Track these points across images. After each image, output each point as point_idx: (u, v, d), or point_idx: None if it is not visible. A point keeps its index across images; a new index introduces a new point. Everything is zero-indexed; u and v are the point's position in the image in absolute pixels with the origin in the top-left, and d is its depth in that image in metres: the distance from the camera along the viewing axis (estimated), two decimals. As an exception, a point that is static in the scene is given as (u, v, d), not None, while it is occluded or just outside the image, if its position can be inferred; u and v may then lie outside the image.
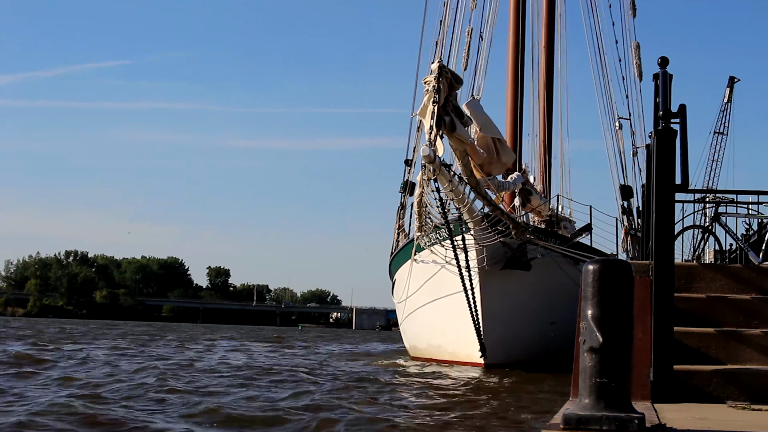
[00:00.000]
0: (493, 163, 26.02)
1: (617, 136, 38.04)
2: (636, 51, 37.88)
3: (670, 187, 7.76)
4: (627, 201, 35.62)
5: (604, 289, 5.53)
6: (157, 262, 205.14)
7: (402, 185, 36.13)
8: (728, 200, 14.76)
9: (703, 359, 8.00)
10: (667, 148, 7.75)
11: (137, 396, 15.23)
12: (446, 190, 21.07)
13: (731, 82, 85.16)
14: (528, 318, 25.81)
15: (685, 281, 9.00)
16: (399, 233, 35.31)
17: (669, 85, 8.17)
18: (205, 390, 16.72)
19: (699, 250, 15.61)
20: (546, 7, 40.09)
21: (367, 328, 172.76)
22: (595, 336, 5.46)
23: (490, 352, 24.40)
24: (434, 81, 20.17)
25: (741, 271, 9.24)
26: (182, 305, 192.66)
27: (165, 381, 17.99)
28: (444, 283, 25.69)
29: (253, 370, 23.10)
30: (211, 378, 20.05)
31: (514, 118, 36.40)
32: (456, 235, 22.64)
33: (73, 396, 14.64)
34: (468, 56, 34.16)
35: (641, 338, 7.44)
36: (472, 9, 34.37)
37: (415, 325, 31.27)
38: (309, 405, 14.25)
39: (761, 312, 8.53)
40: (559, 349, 23.97)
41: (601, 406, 5.42)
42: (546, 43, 39.64)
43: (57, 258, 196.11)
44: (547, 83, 38.91)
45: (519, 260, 24.97)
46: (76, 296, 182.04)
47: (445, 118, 20.30)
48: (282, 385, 18.54)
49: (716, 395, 7.49)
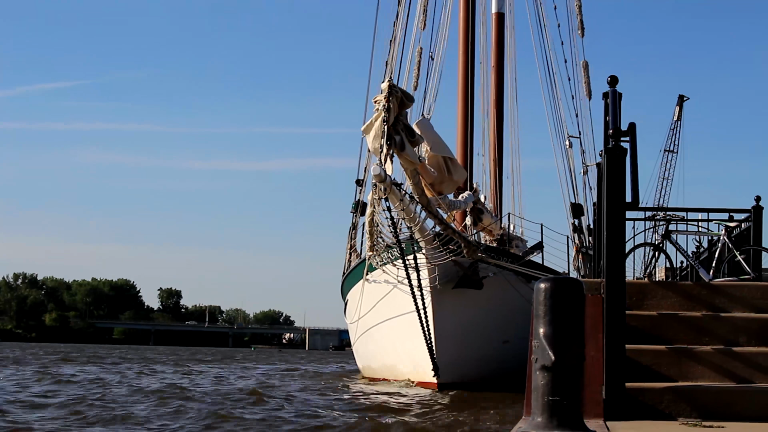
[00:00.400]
0: (444, 182, 26.01)
1: (567, 154, 38.28)
2: (585, 70, 38.21)
3: (621, 205, 7.78)
4: (578, 219, 35.81)
5: (555, 308, 5.52)
6: (108, 284, 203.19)
7: (353, 205, 36.03)
8: (679, 218, 14.86)
9: (655, 377, 8.01)
10: (617, 166, 7.78)
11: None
12: (397, 209, 21.03)
13: (681, 100, 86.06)
14: (481, 337, 25.77)
15: (637, 299, 9.02)
16: (351, 253, 35.21)
17: (619, 104, 8.21)
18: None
19: (650, 267, 15.68)
20: (495, 27, 40.29)
21: (321, 348, 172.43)
22: (547, 354, 5.45)
23: (443, 371, 24.33)
24: (384, 100, 20.15)
25: (692, 288, 9.29)
26: (133, 327, 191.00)
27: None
28: (396, 303, 25.62)
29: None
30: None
31: (465, 137, 36.46)
32: (408, 254, 22.59)
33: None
34: (418, 76, 34.25)
35: (593, 356, 7.44)
36: (421, 29, 34.53)
37: (368, 345, 31.16)
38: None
39: (712, 329, 8.57)
40: (513, 367, 23.97)
41: (553, 424, 5.40)
42: (496, 63, 39.83)
43: (5, 281, 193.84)
44: (498, 102, 39.07)
45: (471, 279, 24.95)
46: (25, 319, 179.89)
47: (396, 137, 20.27)
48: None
49: (668, 412, 7.51)
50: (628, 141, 8.08)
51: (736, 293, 9.13)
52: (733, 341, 8.49)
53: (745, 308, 8.98)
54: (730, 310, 8.97)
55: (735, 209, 14.53)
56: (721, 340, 8.50)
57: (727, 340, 8.50)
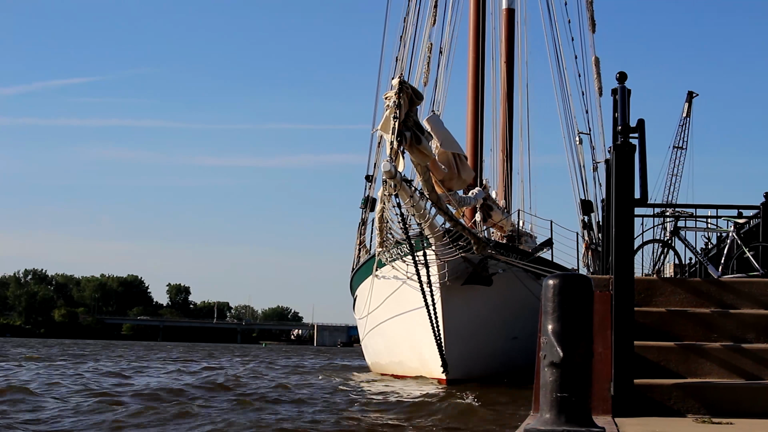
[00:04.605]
0: (453, 179, 26.03)
1: (578, 151, 38.18)
2: (596, 66, 38.13)
3: (630, 201, 7.78)
4: (588, 216, 35.74)
5: (564, 304, 5.53)
6: (117, 280, 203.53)
7: (363, 201, 36.03)
8: (687, 214, 14.84)
9: (663, 373, 8.02)
10: (626, 162, 7.77)
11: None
12: (407, 205, 21.03)
13: (690, 96, 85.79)
14: (490, 333, 25.78)
15: (645, 295, 9.02)
16: (360, 249, 35.24)
17: (628, 100, 8.21)
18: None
19: (659, 264, 15.67)
20: (506, 22, 40.24)
21: (329, 344, 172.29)
22: (555, 351, 5.46)
23: (452, 367, 24.34)
24: (395, 96, 20.16)
25: (700, 284, 9.28)
26: (142, 323, 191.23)
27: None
28: (405, 299, 25.64)
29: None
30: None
31: (475, 134, 36.44)
32: (417, 250, 22.61)
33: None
34: (428, 72, 34.24)
35: (602, 352, 7.45)
36: (432, 25, 34.46)
37: (376, 341, 31.19)
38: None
39: (721, 326, 8.57)
40: (522, 364, 23.97)
41: (561, 420, 5.41)
42: (506, 59, 39.77)
43: (15, 276, 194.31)
44: (508, 98, 39.01)
45: (480, 275, 24.96)
46: (34, 315, 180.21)
47: (406, 133, 20.29)
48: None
49: (677, 409, 7.51)
50: (637, 137, 8.08)
51: (745, 290, 9.12)
52: (741, 338, 8.49)
53: (753, 305, 8.98)
54: (739, 306, 8.96)
55: (744, 206, 14.51)
56: (730, 336, 8.50)
57: (735, 336, 8.50)
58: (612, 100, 8.32)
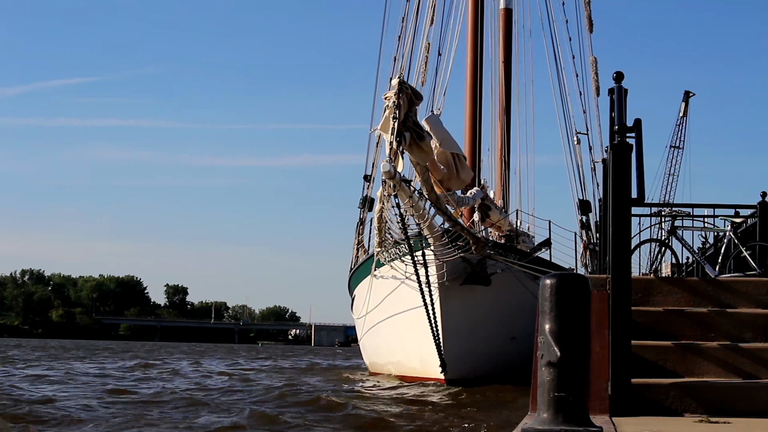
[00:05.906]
0: (452, 179, 26.05)
1: (576, 150, 38.15)
2: (593, 66, 38.12)
3: (626, 201, 7.79)
4: (586, 215, 35.73)
5: (561, 304, 5.54)
6: (114, 281, 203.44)
7: (361, 201, 36.02)
8: (684, 214, 14.84)
9: (660, 372, 8.03)
10: (622, 162, 7.79)
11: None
12: (406, 205, 21.02)
13: (686, 96, 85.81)
14: (488, 333, 25.79)
15: (642, 295, 9.03)
16: (358, 249, 35.23)
17: (624, 100, 8.22)
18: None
19: (656, 263, 15.69)
20: (503, 22, 40.23)
21: (326, 344, 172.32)
22: (552, 350, 5.48)
23: (451, 367, 24.33)
24: (394, 96, 20.16)
25: (698, 284, 9.29)
26: (139, 323, 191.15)
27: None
28: (404, 299, 25.64)
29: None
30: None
31: (473, 133, 36.42)
32: (416, 250, 22.60)
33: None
34: (426, 72, 34.23)
35: (599, 352, 7.47)
36: (430, 25, 34.44)
37: (374, 341, 31.18)
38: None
39: (718, 325, 8.59)
40: (520, 363, 23.97)
41: (559, 420, 5.43)
42: (504, 59, 39.75)
43: (12, 277, 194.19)
44: (506, 98, 39.01)
45: (479, 275, 24.96)
46: (32, 315, 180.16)
47: (405, 134, 20.28)
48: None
49: (674, 408, 7.53)
50: (634, 137, 8.08)
51: (742, 289, 9.13)
52: (739, 337, 8.50)
53: (751, 304, 8.99)
54: (736, 305, 8.98)
55: (741, 205, 14.53)
56: (727, 335, 8.51)
57: (732, 336, 8.52)
58: (609, 99, 8.33)
